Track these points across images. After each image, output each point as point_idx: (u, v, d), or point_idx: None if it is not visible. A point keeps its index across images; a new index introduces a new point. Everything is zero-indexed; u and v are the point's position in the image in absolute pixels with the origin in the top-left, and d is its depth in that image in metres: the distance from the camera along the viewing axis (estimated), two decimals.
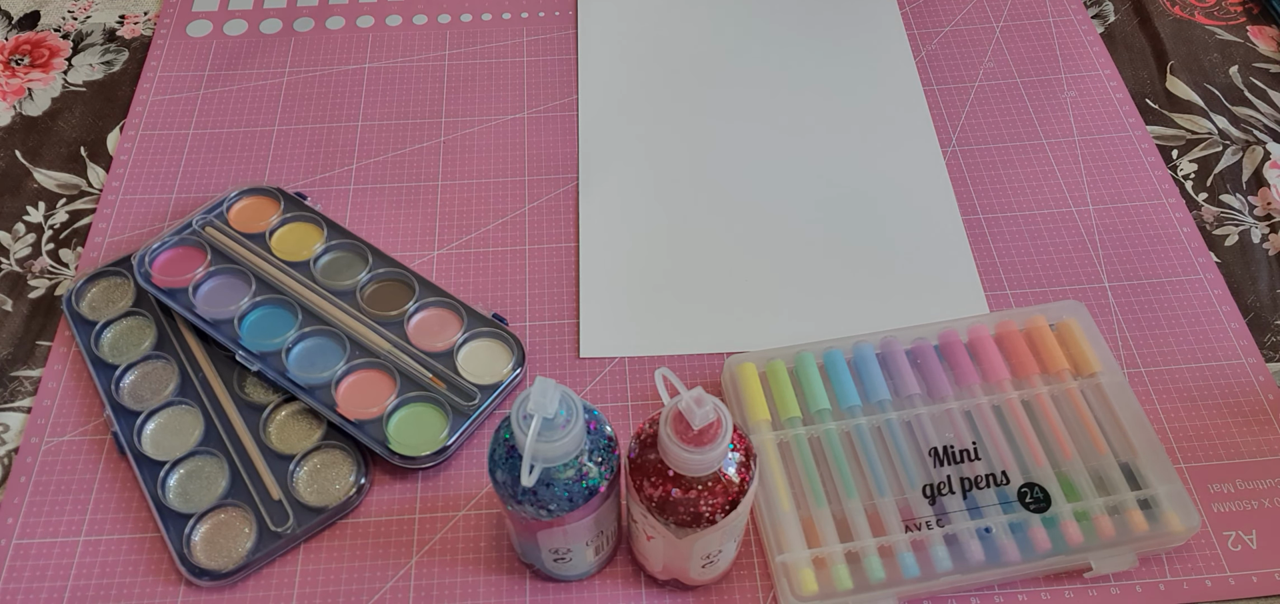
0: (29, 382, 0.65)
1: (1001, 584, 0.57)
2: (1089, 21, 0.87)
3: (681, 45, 0.85)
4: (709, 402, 0.46)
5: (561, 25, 0.87)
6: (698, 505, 0.48)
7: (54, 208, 0.75)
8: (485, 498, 0.60)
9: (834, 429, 0.60)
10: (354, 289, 0.68)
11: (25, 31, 0.87)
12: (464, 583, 0.57)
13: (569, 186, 0.76)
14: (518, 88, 0.82)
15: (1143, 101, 0.81)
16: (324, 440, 0.61)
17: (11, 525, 0.59)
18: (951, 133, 0.79)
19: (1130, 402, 0.61)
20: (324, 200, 0.74)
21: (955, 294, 0.69)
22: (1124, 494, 0.57)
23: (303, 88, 0.82)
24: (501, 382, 0.63)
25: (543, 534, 0.51)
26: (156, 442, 0.62)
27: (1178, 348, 0.67)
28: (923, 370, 0.63)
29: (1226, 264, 0.71)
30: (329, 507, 0.59)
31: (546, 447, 0.46)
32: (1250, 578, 0.57)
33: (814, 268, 0.71)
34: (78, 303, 0.68)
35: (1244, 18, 0.88)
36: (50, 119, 0.81)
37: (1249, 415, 0.64)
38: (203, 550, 0.57)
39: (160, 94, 0.82)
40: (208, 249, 0.69)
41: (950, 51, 0.85)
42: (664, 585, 0.57)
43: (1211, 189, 0.75)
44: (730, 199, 0.75)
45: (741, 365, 0.63)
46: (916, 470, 0.58)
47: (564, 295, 0.69)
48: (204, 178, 0.76)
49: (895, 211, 0.74)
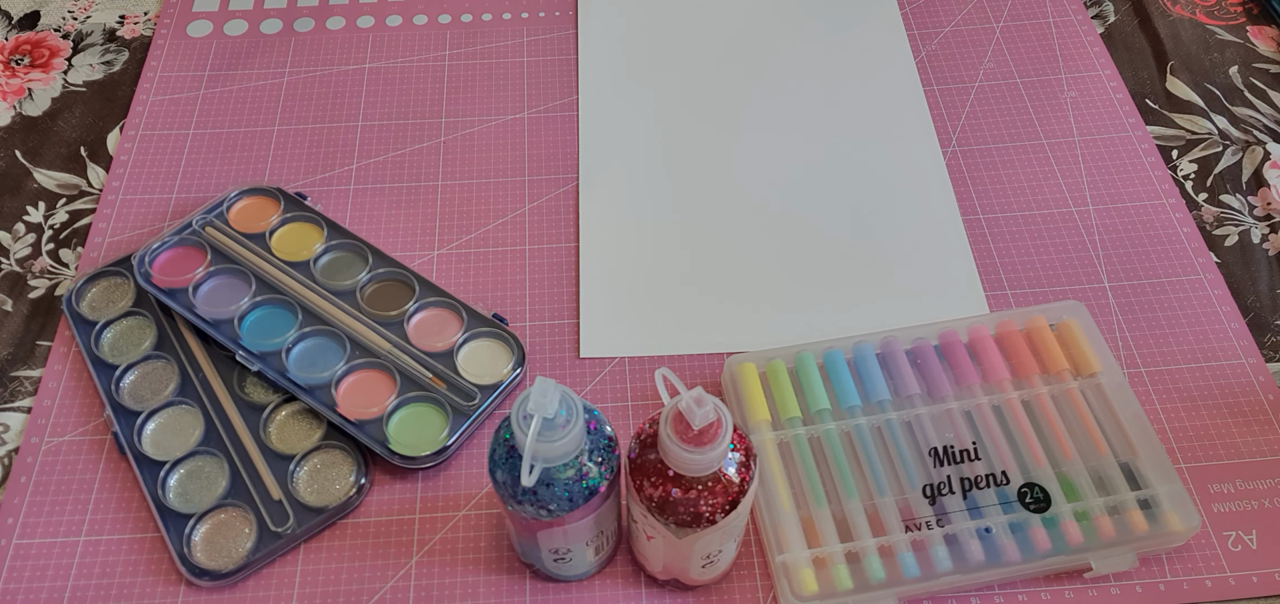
0: (29, 382, 0.65)
1: (1001, 584, 0.57)
2: (1089, 22, 0.87)
3: (681, 45, 0.85)
4: (709, 402, 0.46)
5: (561, 25, 0.87)
6: (698, 505, 0.48)
7: (54, 208, 0.75)
8: (485, 498, 0.60)
9: (834, 429, 0.60)
10: (354, 289, 0.68)
11: (25, 31, 0.87)
12: (464, 583, 0.57)
13: (569, 186, 0.76)
14: (518, 88, 0.82)
15: (1143, 101, 0.81)
16: (324, 440, 0.62)
17: (11, 525, 0.59)
18: (951, 133, 0.79)
19: (1130, 402, 0.61)
20: (324, 200, 0.74)
21: (955, 294, 0.69)
22: (1124, 494, 0.57)
23: (303, 88, 0.82)
24: (501, 382, 0.63)
25: (543, 534, 0.51)
26: (157, 442, 0.62)
27: (1178, 348, 0.67)
28: (923, 370, 0.63)
29: (1226, 264, 0.71)
30: (329, 507, 0.59)
31: (546, 447, 0.46)
32: (1250, 578, 0.57)
33: (814, 267, 0.71)
34: (78, 303, 0.68)
35: (1244, 18, 0.88)
36: (50, 119, 0.81)
37: (1249, 415, 0.64)
38: (203, 550, 0.57)
39: (160, 94, 0.82)
40: (208, 249, 0.69)
41: (950, 51, 0.85)
42: (664, 585, 0.57)
43: (1211, 189, 0.75)
44: (730, 198, 0.75)
45: (741, 365, 0.63)
46: (916, 470, 0.58)
47: (564, 295, 0.69)
48: (204, 178, 0.76)
49: (895, 211, 0.74)
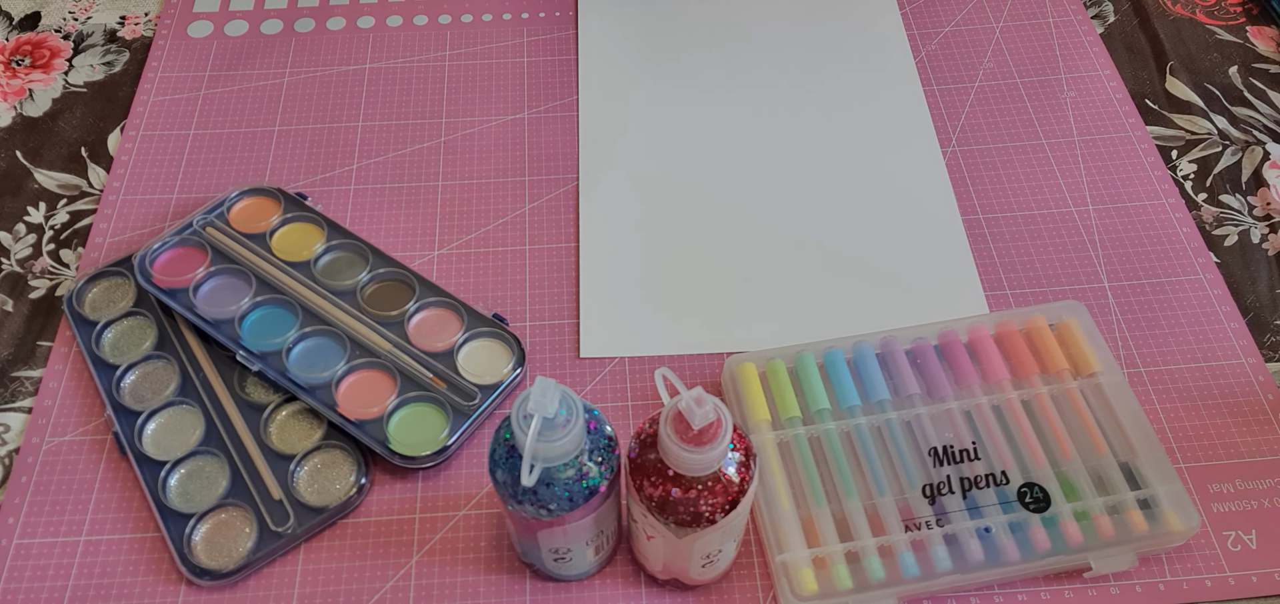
0: (30, 382, 0.66)
1: (1001, 584, 0.57)
2: (1089, 22, 0.87)
3: (681, 45, 0.85)
4: (709, 401, 0.46)
5: (561, 25, 0.87)
6: (698, 505, 0.48)
7: (55, 208, 0.75)
8: (485, 498, 0.60)
9: (834, 429, 0.60)
10: (354, 289, 0.68)
11: (26, 32, 0.87)
12: (464, 583, 0.57)
13: (569, 186, 0.76)
14: (518, 88, 0.82)
15: (1142, 102, 0.81)
16: (324, 440, 0.62)
17: (12, 525, 0.59)
18: (951, 133, 0.79)
19: (1130, 402, 0.61)
20: (324, 200, 0.74)
21: (955, 294, 0.69)
22: (1124, 494, 0.57)
23: (303, 88, 0.82)
24: (501, 382, 0.63)
25: (543, 534, 0.51)
26: (157, 441, 0.62)
27: (1177, 348, 0.67)
28: (922, 370, 0.63)
29: (1226, 264, 0.71)
30: (329, 506, 0.59)
31: (546, 446, 0.46)
32: (1250, 578, 0.57)
33: (814, 267, 0.71)
34: (78, 303, 0.68)
35: (1244, 18, 0.88)
36: (51, 120, 0.81)
37: (1249, 415, 0.64)
38: (203, 550, 0.58)
39: (161, 94, 0.82)
40: (208, 249, 0.69)
41: (950, 51, 0.85)
42: (664, 585, 0.57)
43: (1211, 189, 0.75)
44: (730, 198, 0.75)
45: (741, 365, 0.63)
46: (916, 470, 0.59)
47: (564, 295, 0.69)
48: (204, 178, 0.76)
49: (895, 211, 0.74)
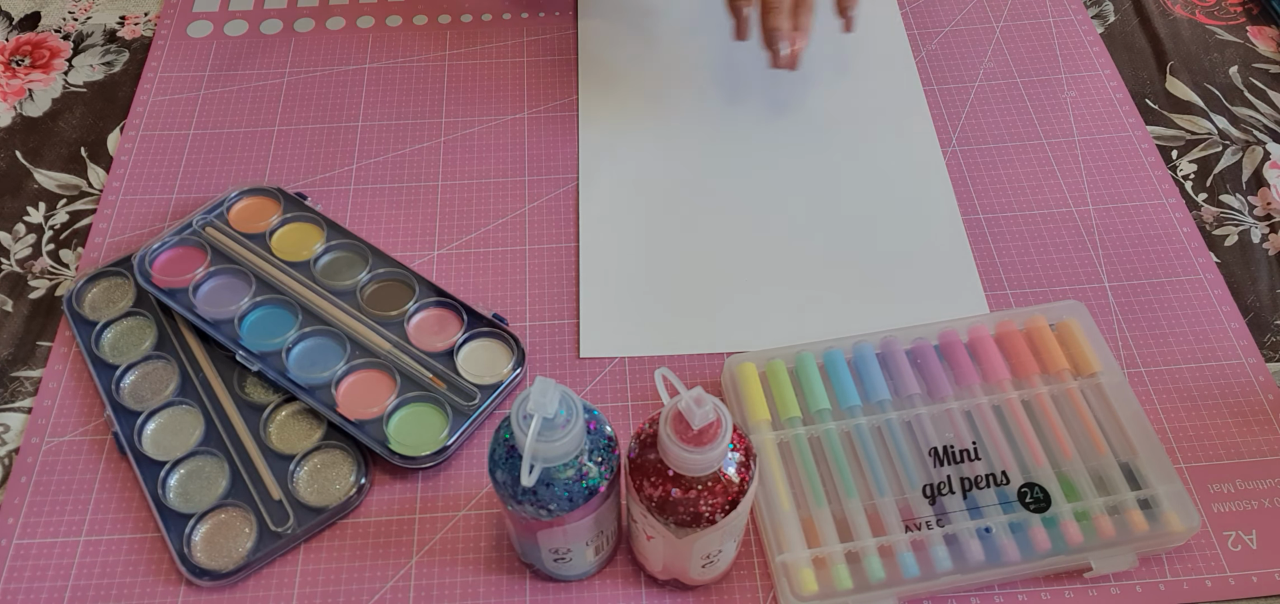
0: (29, 382, 0.66)
1: (1001, 584, 0.57)
2: (1089, 21, 0.87)
3: (681, 44, 0.85)
4: (709, 402, 0.46)
5: (561, 25, 0.87)
6: (698, 505, 0.48)
7: (54, 208, 0.75)
8: (485, 498, 0.60)
9: (834, 429, 0.60)
10: (354, 289, 0.68)
11: (26, 32, 0.87)
12: (464, 583, 0.57)
13: (569, 186, 0.76)
14: (518, 88, 0.82)
15: (1143, 101, 0.81)
16: (324, 440, 0.62)
17: (12, 525, 0.59)
18: (951, 133, 0.79)
19: (1130, 402, 0.61)
20: (324, 200, 0.74)
21: (955, 294, 0.69)
22: (1124, 494, 0.57)
23: (303, 88, 0.82)
24: (501, 382, 0.63)
25: (543, 534, 0.51)
26: (157, 442, 0.62)
27: (1178, 348, 0.67)
28: (923, 370, 0.63)
29: (1226, 264, 0.71)
30: (329, 507, 0.59)
31: (546, 447, 0.46)
32: (1250, 578, 0.57)
33: (814, 267, 0.71)
34: (78, 303, 0.68)
35: (1244, 18, 0.88)
36: (51, 120, 0.81)
37: (1249, 415, 0.64)
38: (203, 550, 0.57)
39: (161, 94, 0.82)
40: (208, 249, 0.69)
41: (950, 51, 0.85)
42: (664, 585, 0.57)
43: (1211, 189, 0.75)
44: (730, 198, 0.75)
45: (741, 365, 0.63)
46: (916, 470, 0.58)
47: (564, 295, 0.69)
48: (204, 178, 0.76)
49: (895, 211, 0.74)
